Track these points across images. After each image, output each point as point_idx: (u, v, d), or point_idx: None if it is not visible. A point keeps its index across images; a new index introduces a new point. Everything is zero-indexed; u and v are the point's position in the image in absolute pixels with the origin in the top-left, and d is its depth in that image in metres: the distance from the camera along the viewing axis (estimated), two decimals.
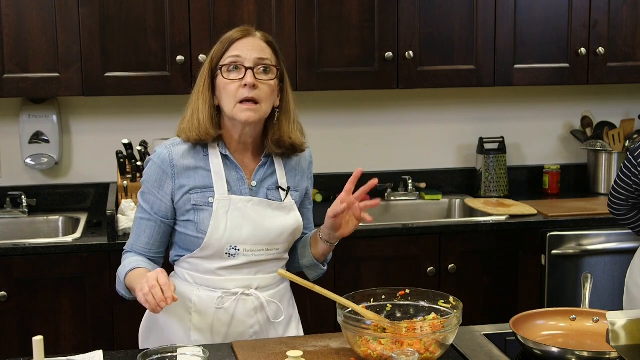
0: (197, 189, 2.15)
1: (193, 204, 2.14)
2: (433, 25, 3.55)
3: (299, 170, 2.28)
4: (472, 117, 4.01)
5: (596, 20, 3.67)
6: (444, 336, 1.89)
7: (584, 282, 2.20)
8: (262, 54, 2.14)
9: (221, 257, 2.15)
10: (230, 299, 2.16)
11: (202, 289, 2.18)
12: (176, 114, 3.73)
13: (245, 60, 2.12)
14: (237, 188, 2.17)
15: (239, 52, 2.13)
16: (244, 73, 2.11)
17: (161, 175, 2.16)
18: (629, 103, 4.13)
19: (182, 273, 2.22)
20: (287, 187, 2.23)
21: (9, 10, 3.24)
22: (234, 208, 2.14)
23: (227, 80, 2.12)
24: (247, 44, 2.14)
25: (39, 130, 3.55)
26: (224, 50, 2.15)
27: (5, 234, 3.47)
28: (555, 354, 1.88)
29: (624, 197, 2.81)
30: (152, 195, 2.18)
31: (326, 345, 2.03)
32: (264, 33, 2.21)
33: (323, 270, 2.32)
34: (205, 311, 2.17)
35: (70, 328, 3.15)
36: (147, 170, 2.20)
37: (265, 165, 2.22)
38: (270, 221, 2.17)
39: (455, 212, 3.85)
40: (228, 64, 2.13)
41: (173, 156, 2.16)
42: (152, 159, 2.19)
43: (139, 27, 3.32)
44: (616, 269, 3.44)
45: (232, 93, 2.12)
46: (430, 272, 3.38)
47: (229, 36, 2.17)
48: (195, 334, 2.18)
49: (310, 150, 2.32)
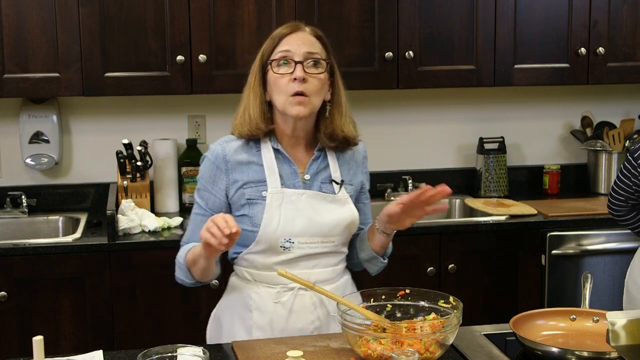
0: (251, 183, 2.17)
1: (247, 198, 2.17)
2: (433, 25, 3.55)
3: (353, 164, 2.30)
4: (472, 117, 4.01)
5: (596, 20, 3.67)
6: (444, 336, 1.89)
7: (584, 282, 2.20)
8: (312, 47, 2.16)
9: (276, 250, 2.17)
10: (287, 293, 2.17)
11: (261, 286, 2.19)
12: (176, 114, 3.76)
13: (295, 55, 2.14)
14: (290, 181, 2.19)
15: (289, 46, 2.15)
16: (294, 67, 2.13)
17: (215, 171, 2.20)
18: (629, 103, 4.13)
19: (241, 271, 2.24)
20: (340, 180, 2.25)
21: (9, 10, 3.24)
22: (287, 201, 2.16)
23: (277, 75, 2.15)
24: (296, 39, 2.16)
25: (39, 130, 3.55)
26: (274, 45, 2.18)
27: (5, 234, 3.47)
28: (555, 354, 1.88)
29: (623, 198, 2.81)
30: (207, 192, 2.21)
31: (326, 345, 2.03)
32: (313, 27, 2.23)
33: (384, 264, 2.32)
34: (264, 308, 2.18)
35: (70, 328, 3.15)
36: (202, 167, 2.24)
37: (318, 159, 2.24)
38: (324, 214, 2.19)
39: (455, 212, 3.85)
40: (278, 58, 2.15)
41: (226, 152, 2.20)
42: (207, 156, 2.24)
43: (139, 27, 3.32)
44: (616, 269, 3.44)
45: (282, 87, 2.14)
46: (430, 272, 3.38)
47: (278, 32, 2.20)
48: (256, 331, 2.19)
49: (364, 144, 2.35)
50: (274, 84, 2.16)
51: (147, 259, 3.16)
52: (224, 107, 3.75)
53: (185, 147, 3.69)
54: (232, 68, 3.40)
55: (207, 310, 3.15)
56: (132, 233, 3.23)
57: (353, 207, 2.25)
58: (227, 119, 3.74)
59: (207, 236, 1.96)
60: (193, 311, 3.21)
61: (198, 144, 3.71)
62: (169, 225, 3.33)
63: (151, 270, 3.17)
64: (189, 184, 3.63)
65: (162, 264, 3.17)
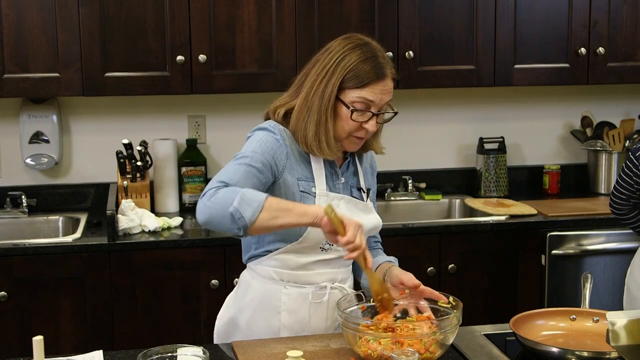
0: (303, 177, 2.14)
1: (301, 190, 2.13)
2: (433, 25, 3.55)
3: (369, 169, 2.33)
4: (472, 117, 4.00)
5: (596, 20, 3.67)
6: (444, 336, 1.89)
7: (584, 282, 2.20)
8: (389, 96, 2.13)
9: (315, 250, 2.15)
10: (325, 292, 2.16)
11: (290, 286, 2.16)
12: (176, 114, 3.76)
13: (375, 106, 2.10)
14: (332, 183, 2.19)
15: (373, 97, 2.08)
16: (369, 117, 2.10)
17: (278, 147, 2.09)
18: (629, 103, 4.13)
19: (267, 271, 2.17)
20: (366, 188, 2.27)
21: (9, 10, 3.24)
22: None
23: (352, 120, 2.09)
24: (382, 89, 2.09)
25: (39, 130, 3.55)
26: (358, 86, 2.08)
27: (5, 234, 3.47)
28: (555, 354, 1.88)
29: (625, 197, 2.82)
30: (263, 157, 2.06)
31: (326, 345, 2.03)
32: (392, 68, 2.15)
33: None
34: (296, 308, 2.16)
35: (70, 328, 3.15)
36: (260, 137, 2.10)
37: (349, 164, 2.25)
38: (357, 219, 2.18)
39: (455, 212, 3.85)
40: (359, 107, 2.09)
41: (285, 137, 2.12)
42: (268, 128, 2.11)
43: (139, 27, 3.32)
44: (616, 269, 3.44)
45: (351, 128, 2.11)
46: (430, 272, 3.38)
47: (365, 73, 2.08)
48: (284, 332, 2.17)
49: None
50: (344, 119, 2.10)
51: (147, 259, 3.16)
52: (224, 107, 3.75)
53: (185, 147, 3.69)
54: (232, 68, 3.40)
55: (207, 310, 3.17)
56: (132, 233, 3.23)
57: (377, 215, 2.28)
58: (227, 119, 3.79)
59: (350, 248, 1.91)
60: (193, 311, 3.21)
61: (198, 144, 3.71)
62: (169, 225, 3.33)
63: (151, 270, 3.17)
64: (189, 184, 3.63)
65: (162, 264, 3.17)
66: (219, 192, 1.95)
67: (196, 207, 1.99)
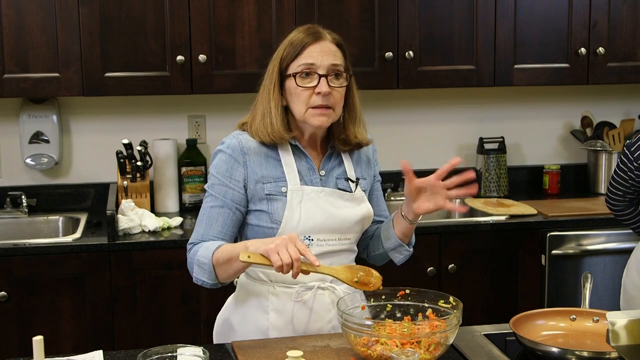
0: (270, 178, 2.14)
1: (266, 193, 2.13)
2: (433, 25, 3.55)
3: (364, 159, 2.30)
4: (472, 117, 4.01)
5: (596, 20, 3.67)
6: (444, 336, 1.89)
7: (584, 282, 2.20)
8: (335, 59, 2.13)
9: None
10: (308, 292, 2.15)
11: (278, 286, 2.16)
12: (176, 114, 3.76)
13: (319, 68, 2.10)
14: (308, 178, 2.18)
15: (313, 59, 2.10)
16: (317, 80, 2.10)
17: (232, 163, 2.14)
18: (629, 103, 4.13)
19: (255, 272, 2.19)
20: (355, 178, 2.24)
21: (9, 10, 3.24)
22: (307, 198, 2.14)
23: (300, 87, 2.11)
24: (320, 50, 2.11)
25: (39, 130, 3.55)
26: (295, 54, 2.12)
27: (5, 234, 3.47)
28: (555, 354, 1.88)
29: (620, 193, 2.81)
30: (224, 185, 2.13)
31: (326, 345, 2.03)
32: (332, 34, 2.18)
33: (409, 252, 2.31)
34: (283, 308, 2.16)
35: (70, 328, 3.15)
36: (216, 161, 2.16)
37: (331, 156, 2.23)
38: (342, 211, 2.18)
39: (455, 212, 3.84)
40: (301, 71, 2.11)
41: (243, 144, 2.15)
42: (221, 149, 2.16)
43: (139, 27, 3.32)
44: (616, 269, 3.44)
45: (304, 99, 2.11)
46: (430, 272, 3.38)
47: (299, 38, 2.13)
48: (273, 333, 2.16)
49: (371, 135, 2.33)
50: (294, 94, 2.12)
51: (147, 259, 3.16)
52: (224, 107, 3.75)
53: (185, 147, 3.69)
54: (232, 68, 3.40)
55: (207, 310, 3.17)
56: (132, 233, 3.23)
57: (369, 205, 2.25)
58: (227, 119, 3.78)
59: (287, 262, 1.90)
60: (193, 311, 3.21)
61: (198, 144, 3.71)
62: (169, 225, 3.33)
63: (151, 270, 3.17)
64: (189, 184, 3.63)
65: (162, 264, 3.17)
66: (188, 256, 2.14)
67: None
